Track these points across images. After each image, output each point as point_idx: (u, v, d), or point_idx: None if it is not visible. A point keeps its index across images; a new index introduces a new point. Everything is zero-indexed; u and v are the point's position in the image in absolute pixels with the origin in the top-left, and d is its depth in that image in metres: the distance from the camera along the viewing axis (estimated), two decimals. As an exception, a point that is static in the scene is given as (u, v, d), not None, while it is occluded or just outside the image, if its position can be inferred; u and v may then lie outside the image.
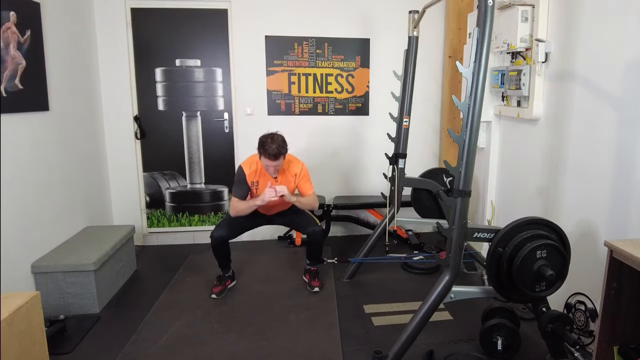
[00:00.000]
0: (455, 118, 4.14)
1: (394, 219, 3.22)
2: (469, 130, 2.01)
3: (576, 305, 2.46)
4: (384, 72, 4.11)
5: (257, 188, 2.98)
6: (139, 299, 3.07)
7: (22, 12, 2.73)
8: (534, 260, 2.02)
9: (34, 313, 2.03)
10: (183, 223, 4.21)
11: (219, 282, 3.14)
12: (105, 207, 3.91)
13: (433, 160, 4.40)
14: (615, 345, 1.94)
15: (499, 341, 2.32)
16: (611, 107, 2.29)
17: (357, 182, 4.35)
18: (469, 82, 1.99)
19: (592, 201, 2.43)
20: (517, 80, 2.96)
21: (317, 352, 2.43)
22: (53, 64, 3.07)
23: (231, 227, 3.05)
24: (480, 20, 1.95)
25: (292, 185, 3.03)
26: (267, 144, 2.74)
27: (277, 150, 2.75)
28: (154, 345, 2.50)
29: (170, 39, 3.92)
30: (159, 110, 4.02)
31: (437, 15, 4.12)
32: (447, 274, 2.16)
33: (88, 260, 2.81)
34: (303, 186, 3.07)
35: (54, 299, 2.80)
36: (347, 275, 3.36)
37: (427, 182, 3.34)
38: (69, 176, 3.28)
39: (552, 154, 2.80)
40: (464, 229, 2.10)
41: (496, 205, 3.53)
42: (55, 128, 3.11)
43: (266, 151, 2.74)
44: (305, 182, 3.08)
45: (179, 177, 4.15)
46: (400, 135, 3.26)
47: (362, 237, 3.91)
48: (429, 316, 2.17)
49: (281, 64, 4.06)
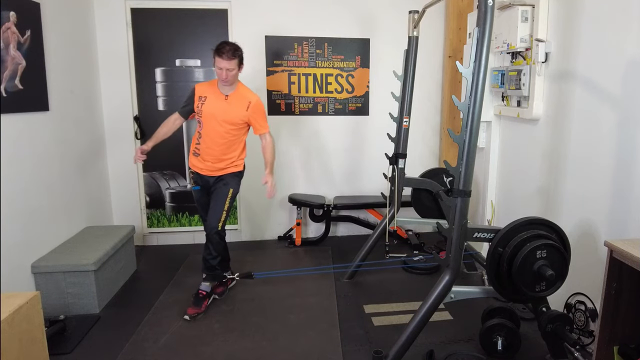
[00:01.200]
0: (455, 118, 4.14)
1: (394, 219, 3.22)
2: (469, 130, 2.01)
3: (576, 305, 2.46)
4: (384, 72, 4.12)
5: (203, 103, 2.79)
6: (139, 299, 3.07)
7: (22, 12, 2.73)
8: (534, 260, 2.02)
9: (34, 313, 2.02)
10: (183, 223, 4.21)
11: (219, 282, 3.14)
12: (105, 207, 3.91)
13: (433, 160, 4.40)
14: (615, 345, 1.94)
15: (499, 341, 2.32)
16: (611, 107, 2.29)
17: (357, 182, 4.35)
18: (469, 82, 1.99)
19: (592, 201, 2.43)
20: (517, 80, 2.96)
21: (317, 352, 2.43)
22: (53, 64, 3.07)
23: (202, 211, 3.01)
24: (480, 20, 1.95)
25: (242, 112, 2.80)
26: (221, 44, 2.67)
27: (230, 49, 2.65)
28: (154, 345, 2.50)
29: (170, 39, 3.92)
30: (159, 110, 4.02)
31: (437, 15, 4.12)
32: (447, 274, 2.16)
33: (88, 260, 2.81)
34: (258, 121, 2.85)
35: (54, 299, 2.80)
36: (347, 276, 3.36)
37: (427, 182, 3.34)
38: (69, 176, 3.28)
39: (552, 154, 2.80)
40: (464, 229, 2.10)
41: (496, 205, 3.53)
42: (55, 128, 3.11)
43: (219, 50, 2.65)
44: (261, 117, 2.87)
45: (179, 177, 4.15)
46: (400, 135, 3.26)
47: (362, 237, 3.91)
48: (429, 316, 2.17)
49: (281, 64, 4.06)
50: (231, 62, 2.67)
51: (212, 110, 2.78)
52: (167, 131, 2.90)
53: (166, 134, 2.90)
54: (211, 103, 2.79)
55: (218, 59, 2.66)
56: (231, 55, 2.65)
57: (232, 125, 2.81)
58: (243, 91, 2.85)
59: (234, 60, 2.68)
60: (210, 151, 2.85)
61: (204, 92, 2.82)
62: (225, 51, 2.64)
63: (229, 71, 2.69)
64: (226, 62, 2.66)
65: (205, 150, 2.86)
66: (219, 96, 2.80)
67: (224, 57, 2.64)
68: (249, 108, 2.82)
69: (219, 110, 2.78)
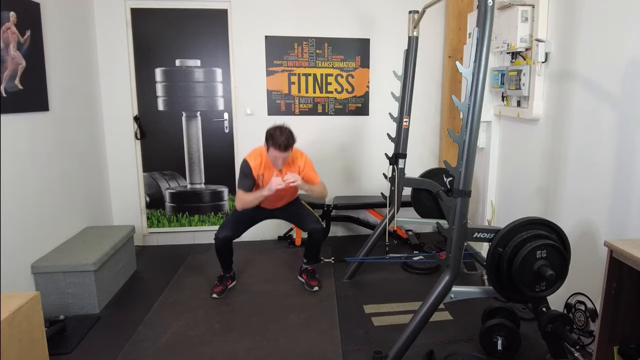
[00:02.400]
0: (455, 118, 4.14)
1: (394, 219, 3.22)
2: (469, 130, 2.01)
3: (576, 305, 2.46)
4: (384, 72, 4.12)
5: (262, 181, 2.96)
6: (139, 299, 3.07)
7: (22, 13, 2.73)
8: (534, 260, 2.02)
9: (34, 313, 2.03)
10: (183, 223, 4.21)
11: (219, 282, 3.15)
12: (105, 208, 3.91)
13: (433, 161, 4.40)
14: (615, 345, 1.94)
15: (499, 341, 2.32)
16: (611, 107, 2.29)
17: (357, 182, 4.35)
18: (469, 82, 1.99)
19: (592, 201, 2.43)
20: (517, 80, 2.96)
21: (317, 352, 2.43)
22: (53, 64, 3.07)
23: (234, 226, 3.05)
24: (480, 20, 1.95)
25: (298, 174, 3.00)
26: (277, 136, 2.74)
27: (286, 142, 2.75)
28: (154, 345, 2.50)
29: (170, 39, 3.92)
30: (159, 110, 4.02)
31: (437, 16, 4.13)
32: (447, 274, 2.16)
33: (88, 260, 2.81)
34: (309, 175, 3.04)
35: (54, 299, 2.80)
36: (347, 276, 3.36)
37: (427, 182, 3.34)
38: (69, 176, 3.28)
39: (552, 154, 2.80)
40: (464, 229, 2.10)
41: (496, 206, 3.53)
42: (55, 128, 3.11)
43: (275, 142, 2.74)
44: (311, 171, 3.05)
45: (179, 177, 4.15)
46: (400, 136, 3.26)
47: (362, 237, 3.91)
48: (429, 316, 2.17)
49: (281, 64, 4.06)
50: (288, 152, 2.80)
51: None
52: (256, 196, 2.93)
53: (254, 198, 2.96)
54: (269, 180, 2.89)
55: (274, 151, 2.76)
56: (287, 146, 2.77)
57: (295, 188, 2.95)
58: (292, 159, 3.00)
59: (289, 151, 2.79)
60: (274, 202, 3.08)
61: (259, 171, 2.96)
62: (281, 142, 2.74)
63: (285, 159, 2.83)
64: (283, 154, 2.78)
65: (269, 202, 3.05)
66: (274, 172, 2.94)
67: (281, 149, 2.75)
68: (301, 171, 3.01)
69: None
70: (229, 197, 4.23)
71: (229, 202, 4.24)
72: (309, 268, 3.28)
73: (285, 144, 2.75)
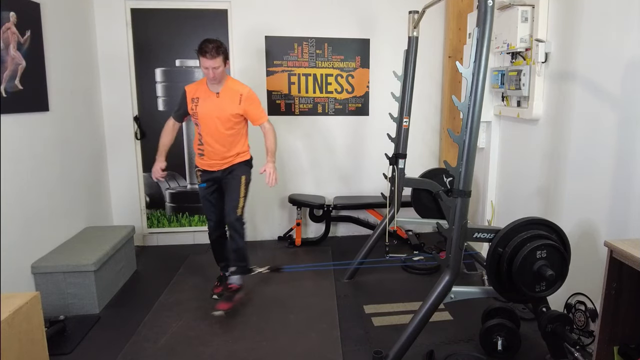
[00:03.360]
0: (455, 118, 4.14)
1: (394, 219, 3.22)
2: (469, 130, 2.01)
3: (576, 305, 2.46)
4: (384, 72, 4.12)
5: (196, 105, 2.79)
6: (139, 300, 3.07)
7: (22, 13, 2.73)
8: (534, 260, 2.02)
9: (34, 313, 2.03)
10: (183, 223, 4.21)
11: (219, 282, 3.14)
12: (105, 208, 3.91)
13: (433, 161, 4.40)
14: (615, 346, 1.94)
15: (499, 341, 2.32)
16: (611, 107, 2.29)
17: (357, 183, 4.35)
18: (469, 83, 1.99)
19: (592, 201, 2.43)
20: (517, 80, 2.96)
21: (317, 353, 2.43)
22: (53, 65, 3.07)
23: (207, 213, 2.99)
24: (480, 20, 1.95)
25: (236, 106, 2.78)
26: (203, 43, 2.65)
27: (213, 48, 2.63)
28: (154, 345, 2.50)
29: (170, 39, 3.92)
30: (159, 110, 4.02)
31: (437, 16, 4.12)
32: (447, 274, 2.16)
33: (88, 260, 2.81)
34: (254, 112, 2.83)
35: (54, 300, 2.80)
36: (347, 276, 3.36)
37: (427, 182, 3.34)
38: (69, 177, 3.28)
39: (552, 154, 2.80)
40: (464, 229, 2.10)
41: (496, 206, 3.53)
42: (55, 128, 3.11)
43: (202, 50, 2.63)
44: (256, 107, 2.85)
45: (179, 177, 4.15)
46: (400, 136, 3.26)
47: (362, 238, 3.91)
48: (429, 316, 2.17)
49: (281, 65, 4.06)
50: (216, 60, 2.65)
51: (207, 110, 2.79)
52: (171, 138, 2.96)
53: (170, 142, 2.97)
54: (204, 103, 2.79)
55: (203, 59, 2.66)
56: (215, 54, 2.64)
57: (228, 121, 2.80)
58: (233, 85, 2.84)
59: (218, 58, 2.67)
60: (213, 150, 2.85)
61: (195, 94, 2.82)
62: (208, 50, 2.63)
63: (215, 69, 2.68)
64: (211, 61, 2.65)
65: (209, 150, 2.86)
66: (210, 95, 2.80)
67: (208, 56, 2.64)
68: (242, 101, 2.80)
69: (213, 109, 2.78)
70: (229, 197, 4.23)
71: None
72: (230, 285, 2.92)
73: (211, 50, 2.61)
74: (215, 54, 2.64)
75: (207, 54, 2.63)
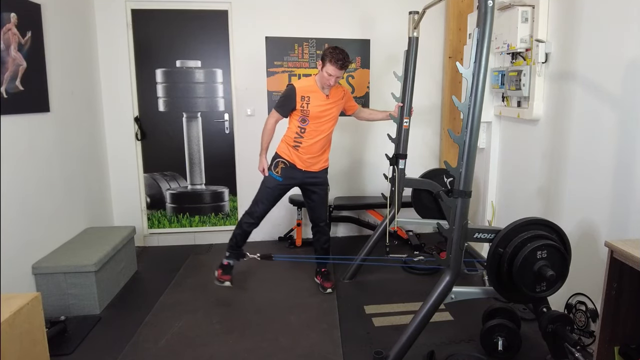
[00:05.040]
0: (455, 118, 4.14)
1: (395, 219, 3.22)
2: (469, 130, 2.01)
3: (577, 305, 2.46)
4: (384, 72, 4.12)
5: (307, 103, 2.87)
6: (139, 300, 3.07)
7: (23, 14, 2.73)
8: (535, 260, 2.02)
9: (35, 314, 2.03)
10: (184, 224, 4.21)
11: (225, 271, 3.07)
12: (105, 208, 3.92)
13: (433, 161, 4.40)
14: (616, 346, 1.94)
15: (499, 341, 2.32)
16: (611, 107, 2.30)
17: (357, 183, 4.35)
18: (469, 83, 1.99)
19: (593, 201, 2.43)
20: (517, 80, 2.96)
21: (317, 353, 2.43)
22: (54, 66, 3.08)
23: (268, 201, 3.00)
24: (480, 20, 1.95)
25: (340, 103, 3.00)
26: (336, 53, 2.73)
27: (344, 59, 2.74)
28: (155, 346, 2.51)
29: (171, 40, 3.92)
30: (159, 111, 4.02)
31: (437, 16, 4.13)
32: (447, 274, 2.16)
33: (89, 261, 2.81)
34: (350, 102, 3.12)
35: (55, 300, 2.81)
36: (347, 276, 3.36)
37: (428, 182, 3.34)
38: (70, 177, 3.29)
39: (552, 154, 2.80)
40: (465, 229, 2.10)
41: (496, 206, 3.53)
42: (56, 129, 3.12)
43: (334, 58, 2.71)
44: (351, 98, 3.14)
45: (180, 178, 4.16)
46: (401, 136, 3.26)
47: (362, 238, 3.91)
48: (429, 317, 2.17)
49: (281, 65, 4.06)
50: (342, 72, 2.79)
51: (319, 110, 2.89)
52: (272, 135, 3.00)
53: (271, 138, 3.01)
54: (316, 103, 2.87)
55: (332, 67, 2.74)
56: (345, 67, 2.77)
57: (334, 120, 2.98)
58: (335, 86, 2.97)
59: (344, 70, 2.80)
60: (312, 148, 2.95)
61: (305, 93, 2.88)
62: (340, 59, 2.72)
63: (337, 79, 2.81)
64: (339, 72, 2.77)
65: (308, 147, 2.94)
66: (320, 96, 2.89)
67: (339, 66, 2.75)
68: (344, 95, 3.03)
69: (325, 110, 2.90)
70: (229, 198, 4.24)
71: (229, 203, 4.24)
72: (323, 269, 3.25)
73: (343, 61, 2.73)
74: (345, 67, 2.77)
75: (339, 63, 2.73)
